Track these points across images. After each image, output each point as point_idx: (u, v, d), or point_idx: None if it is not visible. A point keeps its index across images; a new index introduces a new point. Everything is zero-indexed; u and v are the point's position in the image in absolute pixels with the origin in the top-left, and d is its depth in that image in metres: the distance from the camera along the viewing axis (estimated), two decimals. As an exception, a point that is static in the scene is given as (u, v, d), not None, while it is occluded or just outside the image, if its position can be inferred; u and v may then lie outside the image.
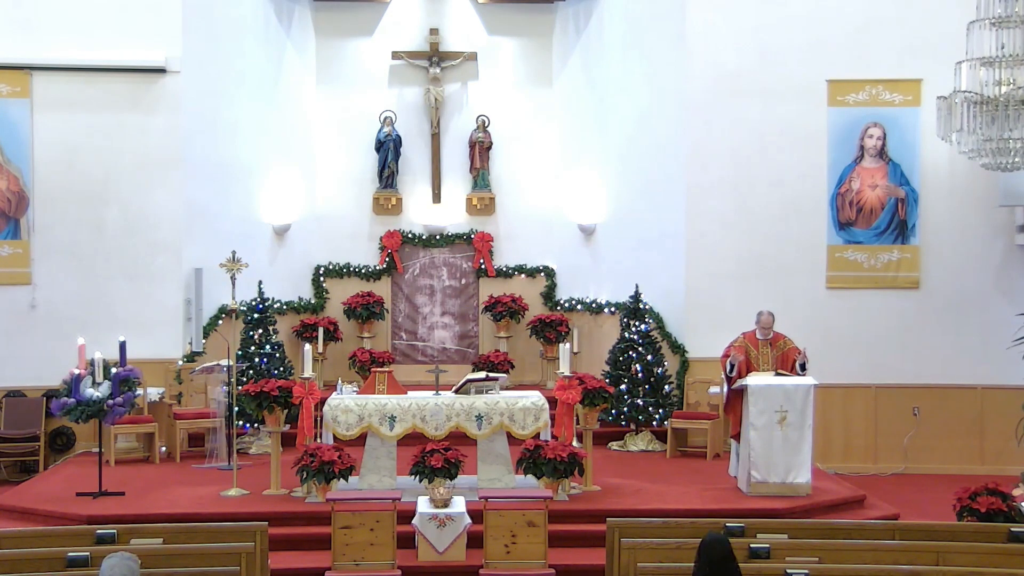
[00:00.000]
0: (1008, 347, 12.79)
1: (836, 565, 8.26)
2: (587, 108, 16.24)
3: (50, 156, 14.66)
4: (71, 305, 14.60)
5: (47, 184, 14.68)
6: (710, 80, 14.87)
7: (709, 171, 14.91)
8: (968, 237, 14.80)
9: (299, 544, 10.63)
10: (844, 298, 14.88)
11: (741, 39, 14.83)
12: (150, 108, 14.79)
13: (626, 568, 8.52)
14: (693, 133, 14.97)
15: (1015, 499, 10.42)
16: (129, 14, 14.63)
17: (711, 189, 14.93)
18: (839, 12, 14.73)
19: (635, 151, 15.67)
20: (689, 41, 14.98)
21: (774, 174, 14.85)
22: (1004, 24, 12.59)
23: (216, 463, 13.31)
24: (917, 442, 14.69)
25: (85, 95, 14.70)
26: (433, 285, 16.52)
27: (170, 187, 14.86)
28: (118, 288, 14.72)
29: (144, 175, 14.81)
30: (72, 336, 12.51)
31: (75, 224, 14.74)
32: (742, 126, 14.84)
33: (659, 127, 15.33)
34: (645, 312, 14.86)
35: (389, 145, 16.34)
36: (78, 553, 8.22)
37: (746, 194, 14.87)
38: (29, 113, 14.63)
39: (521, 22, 16.63)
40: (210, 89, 15.19)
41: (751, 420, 11.77)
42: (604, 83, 16.08)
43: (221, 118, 15.35)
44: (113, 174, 14.77)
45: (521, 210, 16.47)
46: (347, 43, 16.62)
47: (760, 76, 14.78)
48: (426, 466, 11.25)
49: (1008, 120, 12.44)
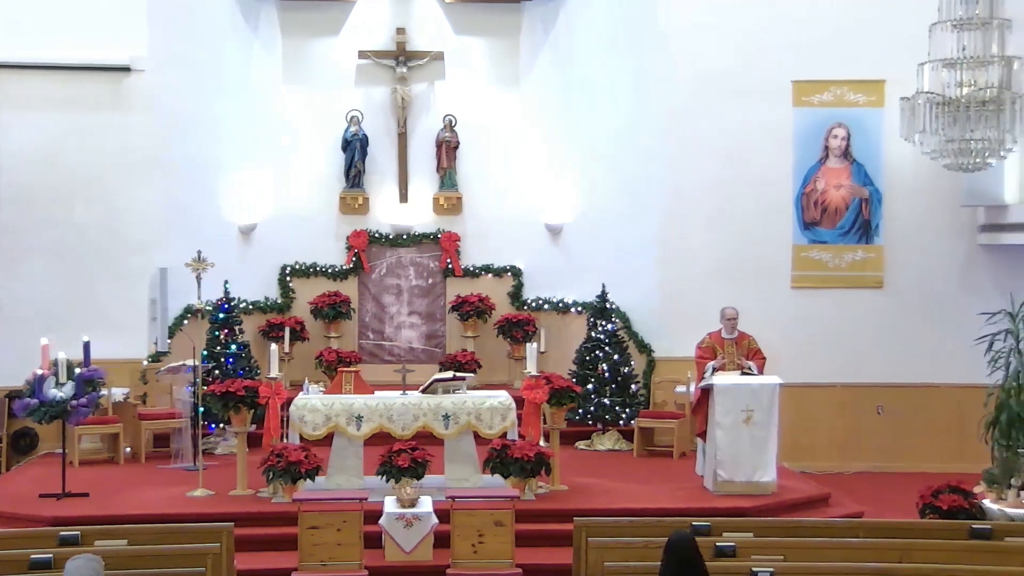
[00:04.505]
0: (971, 345, 12.88)
1: (801, 563, 8.31)
2: (554, 108, 16.25)
3: (17, 156, 14.53)
4: (35, 305, 14.48)
5: (13, 184, 14.54)
6: (680, 81, 14.95)
7: (680, 171, 14.98)
8: (931, 237, 14.95)
9: (265, 545, 10.58)
10: (809, 297, 15.00)
11: (709, 41, 14.90)
12: (116, 107, 14.70)
13: (593, 567, 8.55)
14: (663, 134, 15.05)
15: (977, 497, 10.54)
16: (94, 13, 14.53)
17: (680, 189, 15.01)
18: (805, 14, 14.82)
19: (604, 151, 15.71)
20: (657, 42, 15.06)
21: (741, 174, 14.93)
22: (965, 26, 12.72)
23: (182, 464, 13.25)
24: (882, 441, 14.81)
25: (52, 94, 14.60)
26: (400, 285, 16.49)
27: (136, 186, 14.79)
28: (83, 288, 14.63)
29: (110, 175, 14.73)
30: (36, 336, 12.39)
31: (40, 224, 14.63)
32: (711, 127, 14.92)
33: (630, 127, 15.38)
34: (612, 312, 14.93)
35: (356, 144, 16.29)
36: (41, 555, 8.16)
37: (714, 195, 14.96)
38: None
39: (488, 22, 16.61)
40: (176, 88, 15.09)
41: (717, 419, 11.83)
42: (573, 83, 16.10)
43: (187, 117, 15.25)
44: (80, 174, 14.67)
45: (488, 210, 16.45)
46: (314, 42, 16.55)
47: (730, 77, 14.86)
48: (393, 466, 11.24)
49: (969, 121, 12.58)
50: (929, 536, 8.96)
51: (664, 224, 15.10)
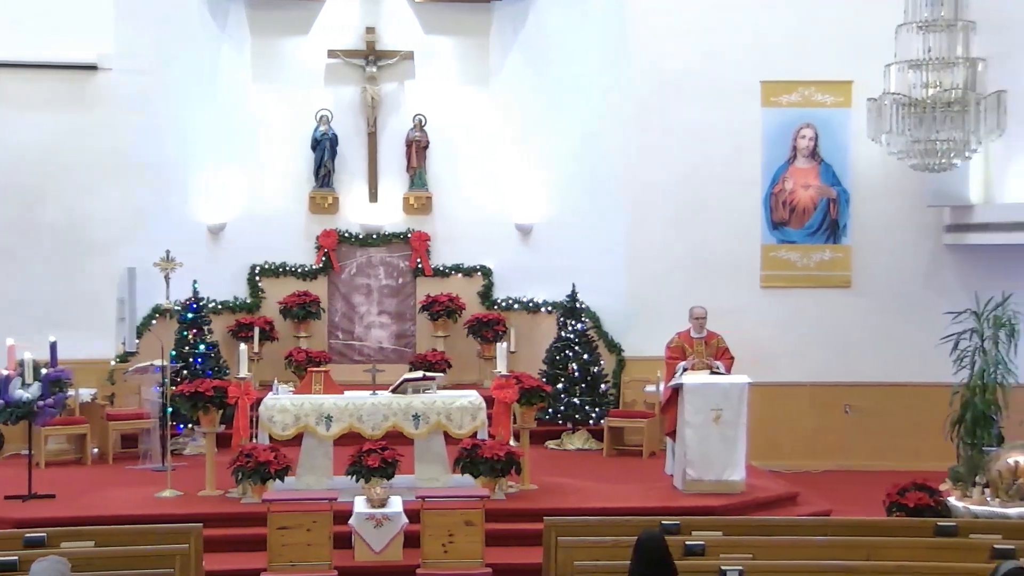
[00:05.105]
0: (937, 344, 13.01)
1: (770, 561, 8.36)
2: (524, 108, 16.26)
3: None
4: (1, 305, 14.34)
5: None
6: (649, 81, 15.00)
7: (649, 171, 15.03)
8: (898, 236, 15.06)
9: (235, 545, 10.52)
10: (778, 297, 15.08)
11: (678, 41, 14.95)
12: (83, 106, 14.62)
13: (563, 566, 8.56)
14: (634, 134, 15.09)
15: (942, 494, 10.63)
16: (61, 11, 14.42)
17: (650, 189, 15.06)
18: (773, 15, 14.90)
19: (573, 151, 15.73)
20: (626, 42, 15.11)
21: (710, 174, 14.99)
22: (931, 28, 12.85)
23: (150, 464, 13.17)
24: (849, 439, 14.91)
25: (17, 93, 14.49)
26: (370, 284, 16.46)
27: (103, 185, 14.71)
28: (50, 288, 14.52)
29: (77, 173, 14.64)
30: (2, 337, 12.30)
31: (6, 223, 14.53)
32: (680, 127, 14.96)
33: (599, 127, 15.41)
34: (582, 311, 14.96)
35: (325, 144, 16.25)
36: (6, 557, 8.09)
37: (684, 194, 15.01)
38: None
39: (458, 21, 16.60)
40: (143, 87, 14.98)
41: (687, 418, 11.88)
42: (542, 83, 16.11)
43: (155, 116, 15.14)
44: (47, 172, 14.56)
45: (458, 209, 16.44)
46: (283, 41, 16.48)
47: (699, 77, 14.92)
48: (363, 466, 11.23)
49: (935, 122, 12.71)
50: (895, 534, 9.04)
51: (634, 224, 15.15)
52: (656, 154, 15.02)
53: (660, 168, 15.01)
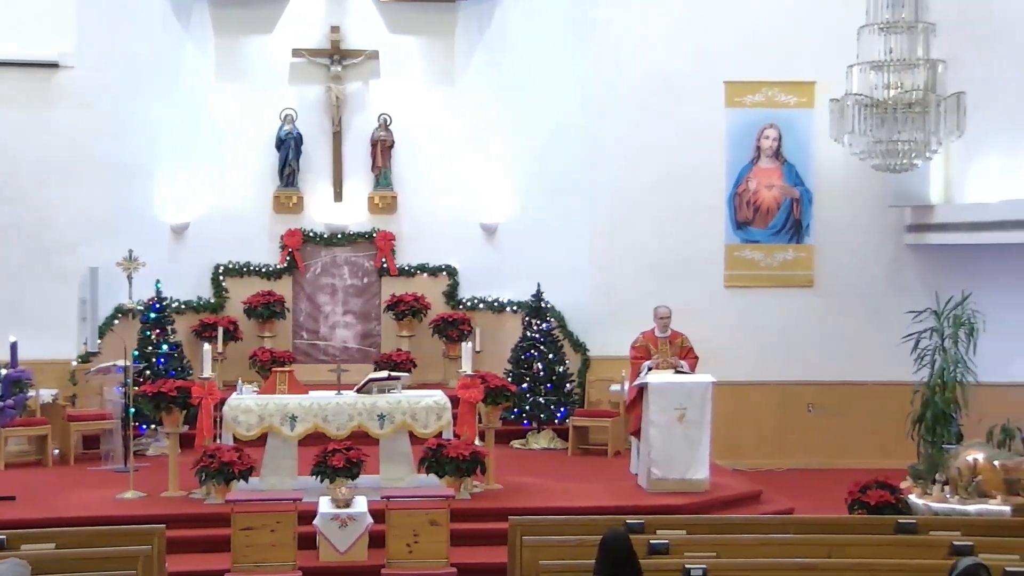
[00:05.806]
0: (898, 343, 13.14)
1: (733, 559, 8.42)
2: (490, 107, 16.26)
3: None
4: (-40, 305, 14.24)
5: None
6: (613, 82, 15.07)
7: (613, 171, 15.09)
8: (860, 236, 15.19)
9: (198, 546, 10.48)
10: (742, 296, 15.18)
11: (642, 42, 15.03)
12: (44, 104, 14.51)
13: (528, 566, 8.57)
14: (596, 134, 15.14)
15: (903, 492, 10.74)
16: (22, 8, 14.32)
17: (614, 189, 15.11)
18: (737, 16, 14.99)
19: (539, 150, 15.74)
20: (590, 43, 15.16)
21: (675, 174, 15.06)
22: (892, 29, 12.96)
23: (112, 465, 13.08)
24: (812, 438, 15.01)
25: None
26: (335, 284, 16.42)
27: (65, 184, 14.61)
28: (10, 288, 14.41)
29: (39, 172, 14.54)
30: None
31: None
32: (644, 127, 15.04)
33: (565, 127, 15.43)
34: (547, 311, 14.99)
35: (290, 143, 16.18)
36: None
37: (648, 194, 15.07)
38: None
39: (423, 21, 16.58)
40: (106, 85, 14.88)
41: (651, 417, 11.93)
42: (507, 83, 16.12)
43: (118, 114, 15.04)
44: (7, 171, 14.44)
45: (423, 209, 16.42)
46: (247, 40, 16.40)
47: (661, 78, 15.00)
48: (327, 466, 11.21)
49: (896, 123, 12.82)
50: (857, 531, 9.13)
51: (598, 223, 15.19)
52: (621, 154, 15.08)
53: (624, 168, 15.07)
